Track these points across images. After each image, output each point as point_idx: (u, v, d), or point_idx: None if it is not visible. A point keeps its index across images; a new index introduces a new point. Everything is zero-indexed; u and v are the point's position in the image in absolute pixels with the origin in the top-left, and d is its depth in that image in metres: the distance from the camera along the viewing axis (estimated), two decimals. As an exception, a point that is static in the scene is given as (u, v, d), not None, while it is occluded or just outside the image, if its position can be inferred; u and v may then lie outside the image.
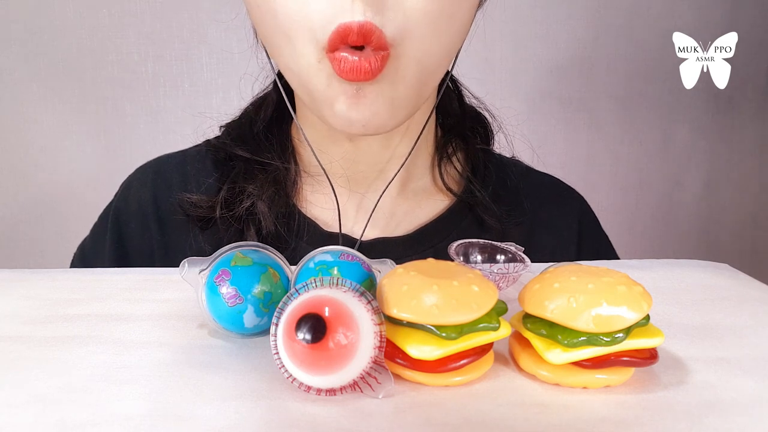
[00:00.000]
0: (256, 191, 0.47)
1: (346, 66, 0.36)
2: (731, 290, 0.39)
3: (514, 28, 1.07)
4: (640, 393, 0.26)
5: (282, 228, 0.47)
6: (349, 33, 0.35)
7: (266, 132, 0.51)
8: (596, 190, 1.14)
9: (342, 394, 0.25)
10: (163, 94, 1.05)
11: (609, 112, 1.13)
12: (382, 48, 0.36)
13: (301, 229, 0.48)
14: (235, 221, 0.47)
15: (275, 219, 0.47)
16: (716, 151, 1.17)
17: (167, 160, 0.55)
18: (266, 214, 0.47)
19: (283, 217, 0.48)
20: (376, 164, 0.49)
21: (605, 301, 0.26)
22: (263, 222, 0.47)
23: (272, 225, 0.47)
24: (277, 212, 0.47)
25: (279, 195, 0.48)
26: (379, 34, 0.35)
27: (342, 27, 0.35)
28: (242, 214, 0.47)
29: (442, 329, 0.26)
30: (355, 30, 0.35)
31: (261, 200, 0.47)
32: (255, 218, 0.47)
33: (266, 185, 0.48)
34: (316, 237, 0.48)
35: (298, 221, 0.48)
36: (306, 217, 0.49)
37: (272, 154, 0.49)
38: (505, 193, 0.52)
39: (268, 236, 0.47)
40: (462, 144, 0.54)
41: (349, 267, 0.31)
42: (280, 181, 0.49)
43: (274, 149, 0.50)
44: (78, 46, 1.02)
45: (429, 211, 0.51)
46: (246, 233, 0.47)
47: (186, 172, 0.52)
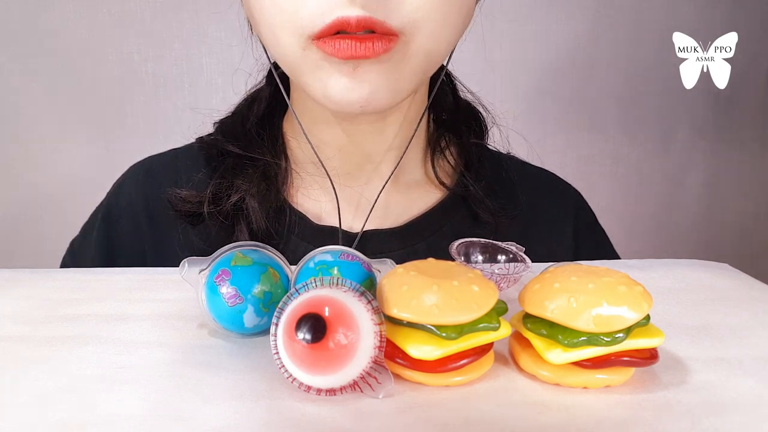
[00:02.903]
0: (245, 186, 0.48)
1: (342, 45, 0.36)
2: (731, 290, 0.39)
3: (514, 28, 1.07)
4: (640, 393, 0.26)
5: (272, 223, 0.48)
6: (346, 26, 0.35)
7: (258, 128, 0.51)
8: (596, 190, 1.13)
9: (342, 394, 0.25)
10: (163, 94, 1.05)
11: (609, 112, 1.13)
12: (390, 34, 0.36)
13: (292, 223, 0.48)
14: (223, 217, 0.47)
15: (266, 214, 0.47)
16: (716, 151, 1.17)
17: (159, 158, 0.55)
18: (256, 209, 0.47)
19: (273, 212, 0.48)
20: (371, 156, 0.49)
21: (605, 301, 0.26)
22: (253, 217, 0.47)
23: (263, 220, 0.47)
24: (268, 207, 0.48)
25: (269, 189, 0.48)
26: (383, 24, 0.36)
27: (339, 20, 0.35)
28: (231, 209, 0.47)
29: (442, 329, 0.26)
30: (353, 23, 0.35)
31: (251, 195, 0.47)
32: (245, 213, 0.47)
33: (255, 180, 0.48)
34: (307, 231, 0.48)
35: (289, 216, 0.49)
36: (297, 211, 0.49)
37: (263, 150, 0.49)
38: (499, 187, 0.52)
39: (259, 231, 0.47)
40: (455, 138, 0.54)
41: (349, 267, 0.31)
42: (270, 176, 0.49)
43: (265, 144, 0.50)
44: (78, 46, 1.02)
45: (422, 204, 0.51)
46: (236, 229, 0.47)
47: (177, 169, 0.52)
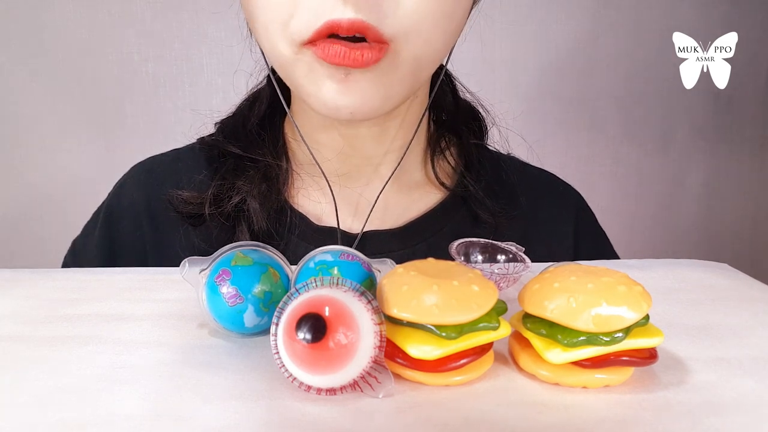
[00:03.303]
0: (246, 186, 0.48)
1: (332, 51, 0.36)
2: (731, 290, 0.39)
3: (514, 28, 1.07)
4: (640, 393, 0.26)
5: (273, 224, 0.48)
6: (337, 29, 0.35)
7: (259, 128, 0.51)
8: (596, 190, 1.13)
9: (342, 394, 0.25)
10: (163, 94, 1.05)
11: (609, 112, 1.13)
12: (381, 42, 0.36)
13: (292, 224, 0.49)
14: (224, 218, 0.47)
15: (267, 215, 0.47)
16: (716, 151, 1.17)
17: (160, 158, 0.55)
18: (257, 210, 0.47)
19: (274, 213, 0.48)
20: (370, 159, 0.49)
21: (605, 300, 0.26)
22: (254, 218, 0.47)
23: (264, 221, 0.47)
24: (269, 208, 0.48)
25: (270, 190, 0.48)
26: (375, 30, 0.35)
27: (330, 23, 0.35)
28: (232, 210, 0.47)
29: (442, 329, 0.26)
30: (345, 26, 0.35)
31: (252, 196, 0.47)
32: (246, 214, 0.47)
33: (257, 181, 0.48)
34: (308, 231, 0.48)
35: (290, 216, 0.49)
36: (297, 211, 0.49)
37: (264, 150, 0.49)
38: (499, 188, 0.52)
39: (260, 232, 0.47)
40: (455, 139, 0.54)
41: (349, 267, 0.31)
42: (271, 177, 0.49)
43: (266, 145, 0.50)
44: (78, 46, 1.02)
45: (422, 205, 0.51)
46: (237, 230, 0.47)
47: (178, 170, 0.52)
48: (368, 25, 0.35)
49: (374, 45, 0.36)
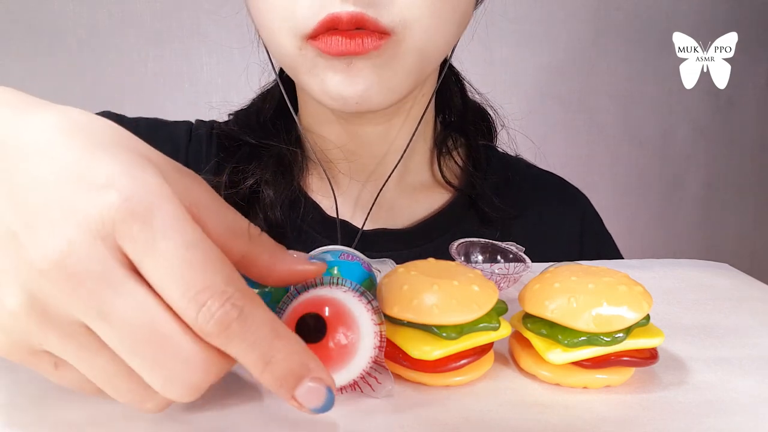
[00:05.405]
0: (259, 171, 0.48)
1: (333, 42, 0.37)
2: (731, 290, 0.39)
3: (515, 28, 1.07)
4: (640, 393, 0.26)
5: (286, 211, 0.48)
6: (338, 23, 0.36)
7: (273, 120, 0.51)
8: (596, 190, 1.13)
9: (342, 394, 0.25)
10: (163, 94, 1.05)
11: (609, 112, 1.13)
12: (381, 32, 0.37)
13: (306, 212, 0.49)
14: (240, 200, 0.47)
15: (281, 202, 0.48)
16: (716, 151, 1.17)
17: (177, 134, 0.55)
18: (271, 197, 0.47)
19: (288, 200, 0.48)
20: (376, 156, 0.49)
21: (606, 301, 0.26)
22: (269, 204, 0.47)
23: (278, 207, 0.47)
24: (283, 195, 0.48)
25: (284, 176, 0.49)
26: (374, 22, 0.36)
27: (330, 17, 0.36)
28: (247, 194, 0.47)
29: (442, 329, 0.26)
30: (345, 20, 0.36)
31: (265, 181, 0.48)
32: (261, 202, 0.48)
33: (270, 165, 0.48)
34: (317, 220, 0.49)
35: (304, 205, 0.49)
36: (311, 200, 0.50)
37: (278, 139, 0.50)
38: (507, 189, 0.52)
39: (274, 219, 0.47)
40: (463, 139, 0.54)
41: (349, 267, 0.31)
42: (285, 163, 0.49)
43: (280, 134, 0.50)
44: (78, 46, 1.02)
45: (429, 206, 0.51)
46: (251, 216, 0.47)
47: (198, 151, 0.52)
48: (368, 17, 0.36)
49: (374, 33, 0.37)
